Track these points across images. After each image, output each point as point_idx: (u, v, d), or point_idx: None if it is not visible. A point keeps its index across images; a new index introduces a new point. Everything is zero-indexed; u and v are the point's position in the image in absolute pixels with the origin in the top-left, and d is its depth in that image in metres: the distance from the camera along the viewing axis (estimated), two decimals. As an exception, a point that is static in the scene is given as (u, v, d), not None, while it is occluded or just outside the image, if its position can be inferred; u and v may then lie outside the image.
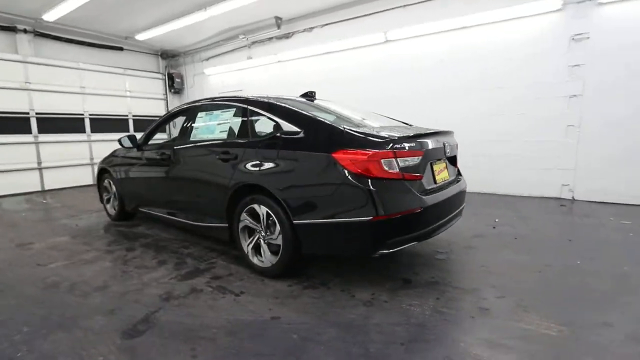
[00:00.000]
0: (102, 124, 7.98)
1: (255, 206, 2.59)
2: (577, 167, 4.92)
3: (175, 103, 9.77)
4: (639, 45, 4.33)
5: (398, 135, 2.24)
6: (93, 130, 7.83)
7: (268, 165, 2.47)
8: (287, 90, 6.82)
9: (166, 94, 9.46)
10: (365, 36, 6.38)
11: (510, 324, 1.96)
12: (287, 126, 2.53)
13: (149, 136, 3.92)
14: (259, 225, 2.63)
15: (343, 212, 2.16)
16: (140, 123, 8.77)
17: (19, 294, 2.47)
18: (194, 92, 9.58)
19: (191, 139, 3.27)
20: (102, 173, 4.55)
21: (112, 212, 4.50)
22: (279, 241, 2.48)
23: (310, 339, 1.84)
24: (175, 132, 4.83)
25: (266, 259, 2.60)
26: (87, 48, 7.78)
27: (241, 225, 2.74)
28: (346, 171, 2.14)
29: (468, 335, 1.86)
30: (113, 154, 4.42)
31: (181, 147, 3.29)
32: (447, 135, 2.79)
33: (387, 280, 2.56)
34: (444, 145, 2.62)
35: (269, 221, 2.54)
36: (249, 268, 2.78)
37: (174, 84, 9.41)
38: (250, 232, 2.75)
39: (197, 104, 3.39)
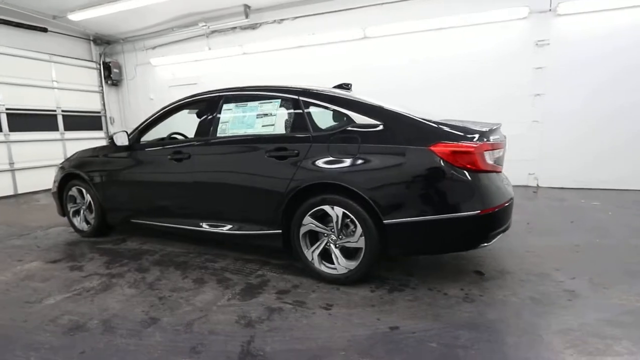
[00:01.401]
0: (24, 120, 6.49)
1: (327, 207, 2.33)
2: (541, 158, 5.59)
3: (112, 96, 8.46)
4: (590, 51, 5.07)
5: (487, 129, 2.22)
6: (12, 129, 6.30)
7: (348, 161, 2.24)
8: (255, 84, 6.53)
9: (102, 85, 8.11)
10: (341, 31, 6.32)
11: (606, 301, 2.10)
12: (361, 119, 2.34)
13: (142, 132, 3.28)
14: (328, 228, 2.38)
15: (446, 207, 2.07)
16: (72, 119, 7.38)
17: (33, 345, 1.82)
18: (136, 85, 8.41)
19: (219, 134, 2.82)
20: (67, 179, 3.68)
21: (84, 227, 3.67)
22: (360, 244, 2.27)
23: (453, 345, 1.72)
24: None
25: (340, 265, 2.36)
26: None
27: (303, 230, 2.44)
28: (449, 165, 2.05)
29: (584, 317, 1.93)
30: (86, 155, 3.60)
31: (206, 143, 2.81)
32: None
33: (460, 274, 2.55)
34: (505, 138, 2.70)
35: (344, 223, 2.32)
36: (311, 277, 2.50)
37: (111, 75, 8.12)
38: (312, 237, 2.48)
39: (218, 94, 2.92)
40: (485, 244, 2.15)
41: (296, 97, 2.58)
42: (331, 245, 2.40)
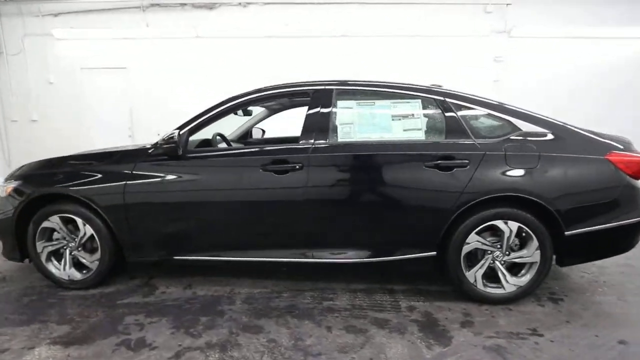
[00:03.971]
0: None
1: (499, 223, 2.12)
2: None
3: (-19, 76, 5.90)
4: (536, 69, 6.12)
5: (629, 140, 2.37)
6: None
7: (531, 171, 2.08)
8: (210, 75, 5.93)
9: (-35, 59, 5.56)
10: (319, 26, 5.95)
11: None
12: (527, 127, 2.21)
13: (192, 132, 2.34)
14: (495, 245, 2.17)
15: (624, 213, 2.13)
16: None
17: None
18: (24, 62, 6.08)
19: (341, 138, 2.22)
20: (34, 205, 2.34)
21: (74, 274, 2.41)
22: (535, 258, 2.14)
23: (694, 350, 1.77)
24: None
25: (509, 283, 2.18)
26: None
27: (466, 249, 2.16)
28: (623, 173, 2.12)
29: None
30: (82, 165, 2.39)
31: (330, 150, 2.18)
32: None
33: (572, 274, 2.69)
34: None
35: (516, 237, 2.16)
36: (463, 300, 2.25)
37: (-20, 45, 5.64)
38: (470, 256, 2.23)
39: (325, 87, 2.31)
40: (635, 245, 2.32)
41: (442, 98, 2.26)
42: (496, 262, 2.19)
